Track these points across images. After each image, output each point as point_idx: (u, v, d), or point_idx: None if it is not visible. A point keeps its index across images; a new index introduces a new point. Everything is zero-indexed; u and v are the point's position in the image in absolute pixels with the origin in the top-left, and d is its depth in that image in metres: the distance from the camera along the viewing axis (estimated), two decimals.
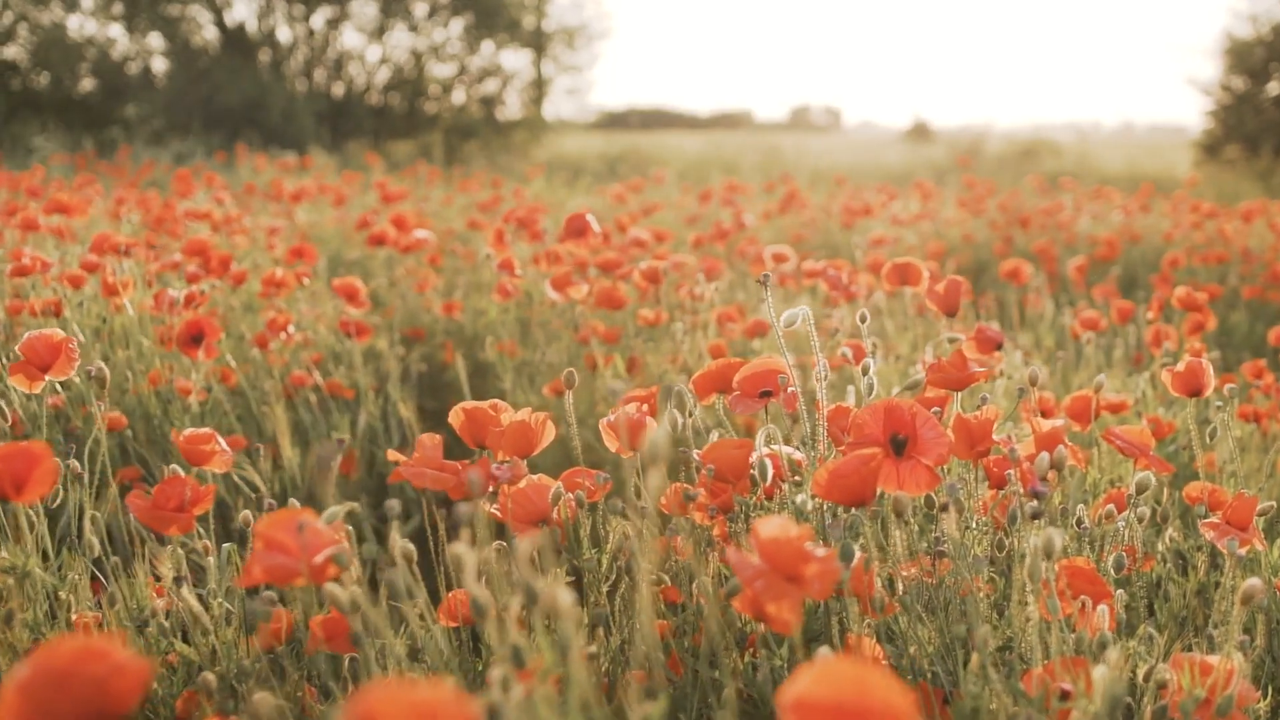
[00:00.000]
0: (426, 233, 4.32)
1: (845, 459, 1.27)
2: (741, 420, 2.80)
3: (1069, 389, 3.60)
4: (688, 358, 2.78)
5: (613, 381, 2.86)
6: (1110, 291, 4.40)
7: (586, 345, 3.18)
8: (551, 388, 2.92)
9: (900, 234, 6.47)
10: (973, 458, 1.46)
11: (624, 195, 7.31)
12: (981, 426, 1.46)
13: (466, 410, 1.61)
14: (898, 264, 2.56)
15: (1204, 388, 1.89)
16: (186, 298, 2.85)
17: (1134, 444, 1.95)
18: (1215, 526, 1.49)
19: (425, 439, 1.48)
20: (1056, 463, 1.37)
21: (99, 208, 6.21)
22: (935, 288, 2.17)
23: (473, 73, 20.93)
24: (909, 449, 1.39)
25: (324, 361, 3.49)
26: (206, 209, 5.15)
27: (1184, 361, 1.88)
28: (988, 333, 2.23)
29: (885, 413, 1.40)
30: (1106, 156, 20.40)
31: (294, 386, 3.19)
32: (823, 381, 1.65)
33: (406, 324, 4.27)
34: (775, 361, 1.67)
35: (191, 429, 1.55)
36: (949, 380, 1.75)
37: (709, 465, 1.43)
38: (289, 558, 1.04)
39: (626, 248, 4.13)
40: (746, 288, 4.43)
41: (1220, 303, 5.10)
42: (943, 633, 1.40)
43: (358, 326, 3.34)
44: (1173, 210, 7.36)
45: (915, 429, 1.40)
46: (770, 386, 1.66)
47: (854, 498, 1.27)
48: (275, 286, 3.38)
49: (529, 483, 1.49)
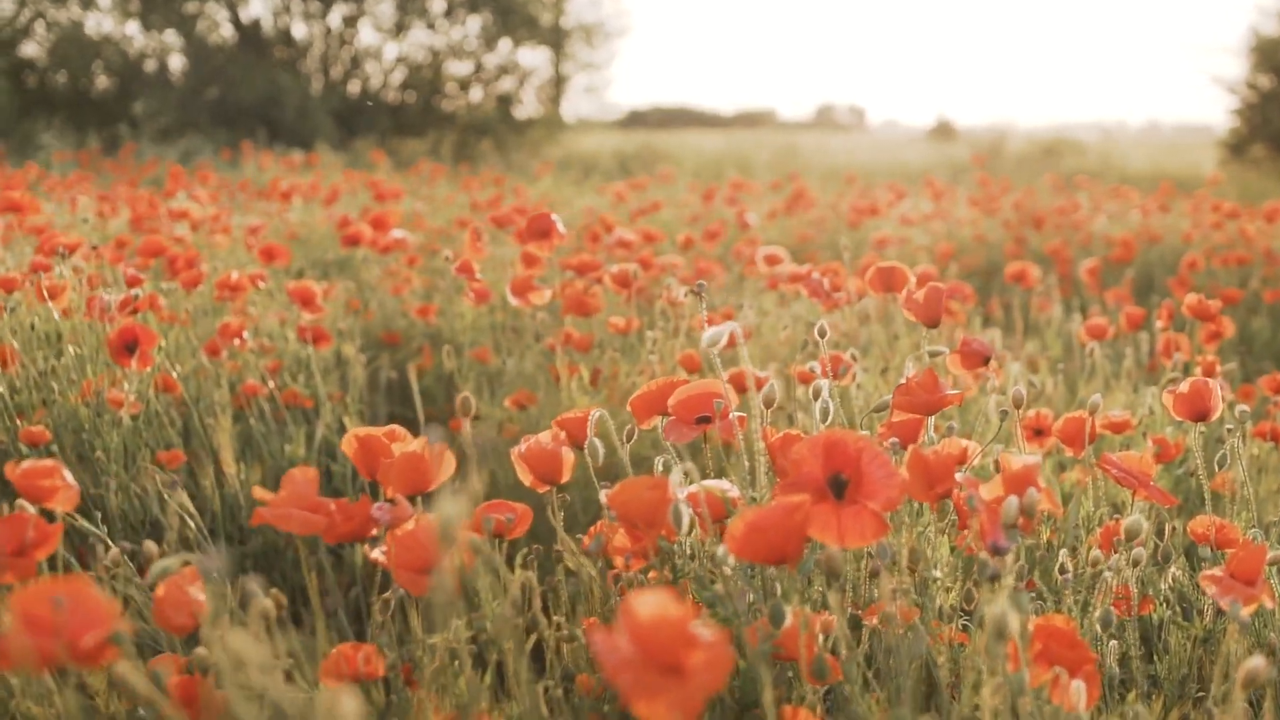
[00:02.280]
0: (404, 233, 4.12)
1: (766, 508, 1.06)
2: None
3: (1076, 401, 3.38)
4: (657, 369, 2.57)
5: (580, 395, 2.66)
6: (1124, 296, 4.17)
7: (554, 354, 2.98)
8: (514, 400, 2.72)
9: (908, 234, 6.24)
10: (932, 500, 1.25)
11: (624, 194, 7.09)
12: (942, 463, 1.25)
13: (359, 438, 1.42)
14: (881, 268, 2.34)
15: (1210, 410, 1.67)
16: (122, 302, 2.67)
17: (1133, 473, 1.73)
18: (1218, 580, 1.27)
19: (296, 474, 1.28)
20: (1027, 509, 1.16)
21: (86, 206, 6.06)
22: (914, 295, 1.95)
23: (489, 71, 20.77)
24: (853, 491, 1.18)
25: (285, 370, 3.31)
26: (185, 208, 4.98)
27: (1188, 381, 1.66)
28: (974, 345, 2.01)
29: (825, 448, 1.19)
30: (1130, 155, 20.05)
31: (247, 396, 3.01)
32: (767, 408, 1.45)
33: (383, 328, 4.08)
34: (716, 383, 1.47)
35: (30, 463, 1.35)
36: (917, 404, 1.54)
37: (613, 510, 1.22)
38: (53, 638, 0.84)
39: (612, 248, 3.93)
40: (744, 291, 4.22)
41: (1240, 308, 4.85)
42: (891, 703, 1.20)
43: (316, 332, 3.15)
44: (1193, 210, 7.09)
45: (861, 467, 1.19)
46: (708, 411, 1.46)
47: (775, 555, 1.06)
48: (230, 290, 3.20)
49: (420, 523, 1.29)
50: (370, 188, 6.53)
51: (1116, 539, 1.79)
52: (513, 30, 20.58)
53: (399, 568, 1.27)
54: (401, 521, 1.27)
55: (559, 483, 1.41)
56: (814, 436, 1.20)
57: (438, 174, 9.40)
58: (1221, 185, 10.13)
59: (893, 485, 1.17)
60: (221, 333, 3.05)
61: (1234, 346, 4.16)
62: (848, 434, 1.20)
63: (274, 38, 19.38)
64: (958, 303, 3.61)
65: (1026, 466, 1.20)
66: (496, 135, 19.51)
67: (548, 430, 1.48)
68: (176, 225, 4.94)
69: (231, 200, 7.31)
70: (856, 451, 1.19)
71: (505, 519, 1.56)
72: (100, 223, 5.61)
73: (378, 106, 19.57)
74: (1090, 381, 3.38)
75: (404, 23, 20.03)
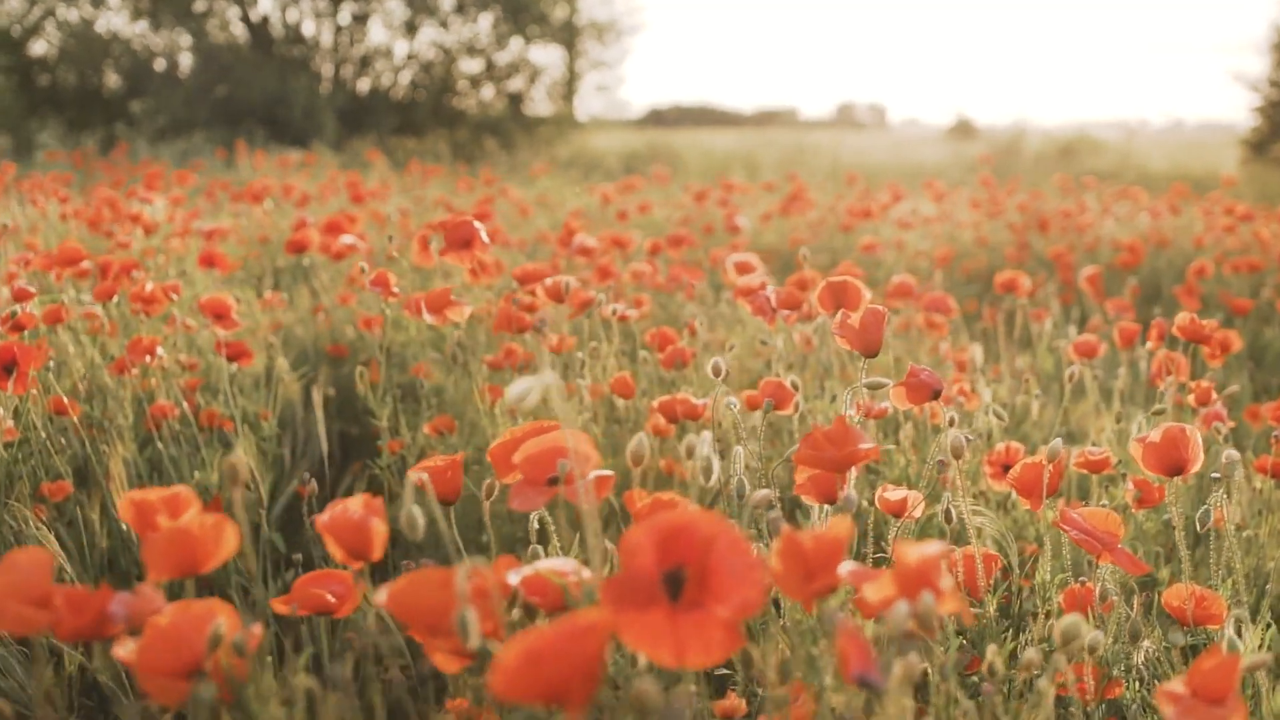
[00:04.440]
0: (353, 238, 3.87)
1: (548, 629, 0.80)
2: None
3: (1068, 427, 3.10)
4: (586, 396, 2.32)
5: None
6: (1124, 305, 3.87)
7: (502, 370, 2.72)
8: (433, 426, 2.47)
9: (906, 238, 5.95)
10: (808, 599, 0.99)
11: (611, 195, 6.82)
12: (824, 550, 0.98)
13: (134, 502, 1.17)
14: (832, 283, 2.08)
15: (1187, 462, 1.40)
16: (2, 318, 2.43)
17: (1095, 535, 1.46)
18: (1177, 700, 1.00)
19: (19, 557, 1.02)
20: (921, 618, 0.90)
21: (53, 210, 5.85)
22: (848, 320, 1.68)
23: (501, 68, 20.55)
24: (697, 591, 0.92)
25: (207, 388, 3.07)
26: (137, 211, 4.75)
27: (1161, 429, 1.39)
28: (922, 377, 1.75)
29: (664, 534, 0.93)
30: (1151, 154, 19.64)
31: (157, 418, 2.76)
32: (634, 466, 1.19)
33: (330, 340, 3.84)
34: (573, 433, 1.21)
35: None
36: (824, 459, 1.28)
37: (392, 613, 0.96)
38: None
39: (573, 255, 3.67)
40: (721, 300, 3.95)
41: (1252, 317, 4.55)
42: None
43: (235, 348, 2.91)
44: (1205, 213, 6.76)
45: (712, 559, 0.93)
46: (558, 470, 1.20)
47: (556, 694, 0.79)
48: (144, 303, 2.95)
49: (177, 616, 1.03)
50: (348, 189, 6.28)
51: (1097, 590, 1.53)
52: (524, 27, 20.37)
53: (149, 673, 1.02)
54: (144, 616, 1.02)
55: (372, 559, 1.15)
56: (653, 519, 0.94)
57: (429, 174, 9.15)
58: (1238, 186, 9.76)
59: (751, 582, 0.91)
60: (131, 348, 2.80)
61: (1243, 360, 3.86)
62: (698, 515, 0.94)
63: (283, 36, 19.21)
64: (940, 315, 3.33)
65: (924, 560, 0.93)
66: (507, 133, 19.28)
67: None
68: (132, 229, 4.71)
69: (211, 202, 7.09)
70: (707, 538, 0.93)
71: (329, 595, 1.31)
72: (62, 225, 5.40)
73: (387, 105, 19.38)
74: (1084, 403, 3.11)
75: (414, 21, 19.83)
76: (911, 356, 3.42)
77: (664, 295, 3.98)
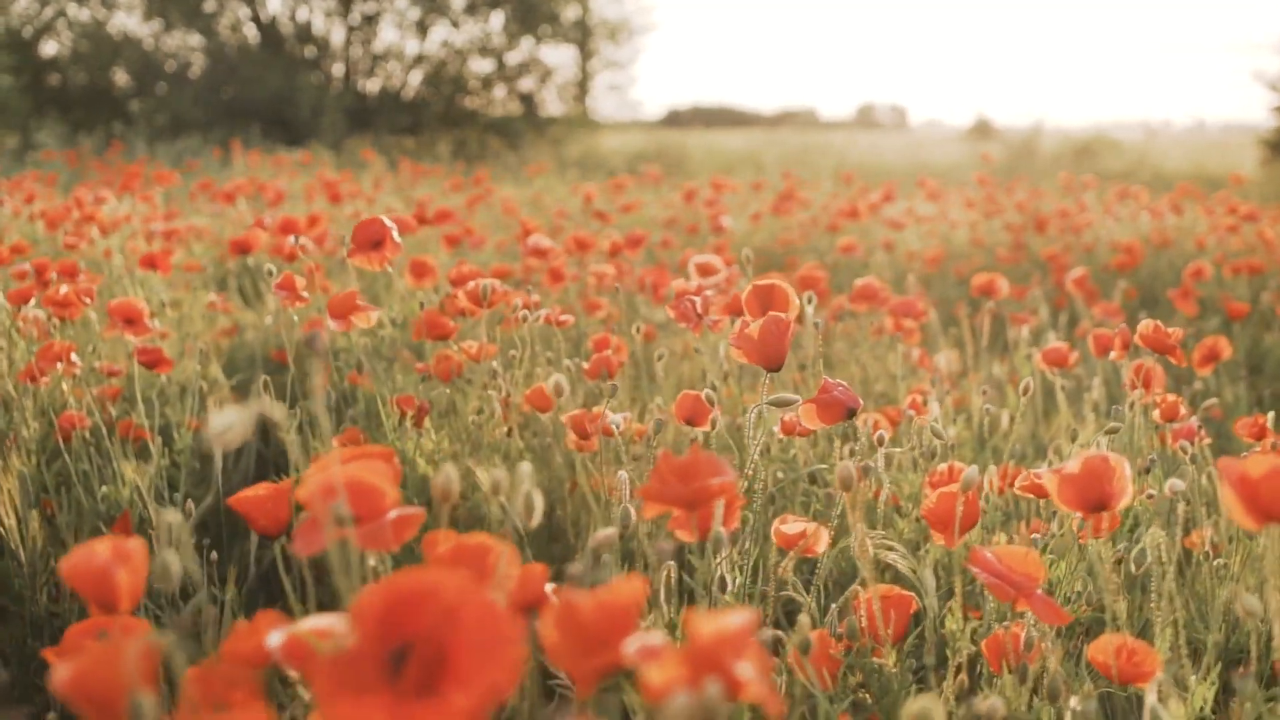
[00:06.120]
0: (306, 239, 3.70)
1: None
2: None
3: (1036, 444, 2.89)
4: (497, 407, 2.14)
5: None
6: (1113, 310, 3.67)
7: (432, 379, 2.55)
8: (341, 440, 2.30)
9: (896, 238, 5.74)
10: (586, 679, 0.80)
11: (594, 194, 6.63)
12: (607, 618, 0.80)
13: None
14: (759, 286, 1.89)
15: (1110, 497, 1.21)
16: None
17: (1009, 578, 1.28)
18: None
19: None
20: (705, 712, 0.71)
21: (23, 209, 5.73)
22: (746, 330, 1.50)
23: (511, 68, 20.42)
24: (430, 673, 0.74)
25: (127, 398, 2.91)
26: (91, 211, 4.60)
27: (1079, 458, 1.20)
28: (835, 394, 1.57)
29: (392, 599, 0.75)
30: (1169, 154, 19.33)
31: (66, 430, 2.60)
32: (445, 500, 1.01)
33: (275, 345, 3.68)
34: (370, 466, 1.03)
35: None
36: (670, 495, 1.10)
37: (63, 695, 0.78)
38: None
39: (527, 257, 3.50)
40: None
41: (1252, 322, 4.33)
42: None
43: (152, 354, 2.74)
44: (1208, 212, 6.51)
45: (455, 631, 0.75)
46: (361, 508, 1.03)
47: None
48: (60, 307, 2.79)
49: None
50: (325, 189, 6.12)
51: (1022, 638, 1.35)
52: (534, 27, 20.24)
53: None
54: None
55: (117, 610, 0.98)
56: (385, 581, 0.76)
57: (421, 173, 8.99)
58: (1247, 185, 9.48)
59: (501, 662, 0.73)
60: (42, 355, 2.64)
61: (1237, 368, 3.65)
62: (442, 576, 0.76)
63: (293, 36, 19.13)
64: (911, 320, 3.14)
65: (722, 635, 0.75)
66: (517, 134, 19.13)
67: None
68: (87, 228, 4.57)
69: (194, 202, 6.95)
70: (450, 606, 0.76)
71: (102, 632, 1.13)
72: (29, 226, 5.28)
73: (397, 105, 19.27)
74: (1057, 417, 2.91)
75: (426, 20, 19.71)
76: (880, 364, 3.23)
77: (639, 299, 3.80)
